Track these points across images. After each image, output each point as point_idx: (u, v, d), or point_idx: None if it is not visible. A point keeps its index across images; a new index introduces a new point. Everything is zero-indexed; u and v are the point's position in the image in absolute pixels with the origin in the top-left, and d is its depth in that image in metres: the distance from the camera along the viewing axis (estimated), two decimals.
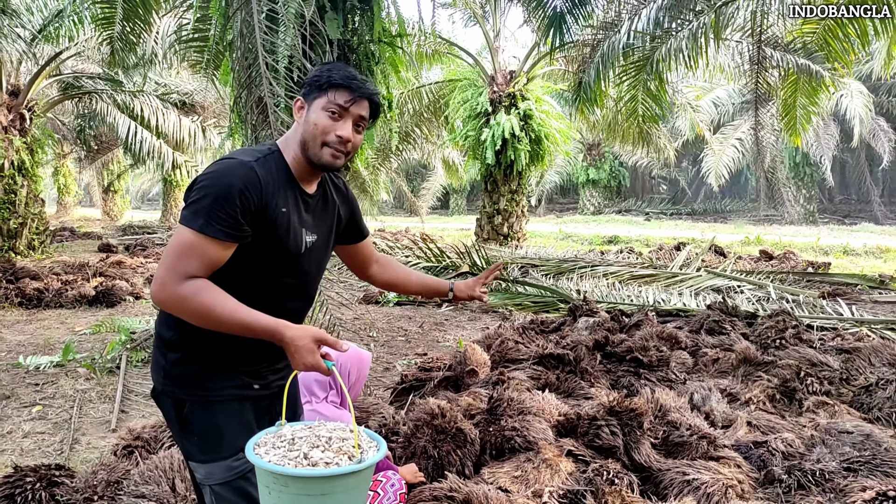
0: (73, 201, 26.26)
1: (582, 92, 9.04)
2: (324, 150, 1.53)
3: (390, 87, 6.01)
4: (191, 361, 1.54)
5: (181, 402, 1.54)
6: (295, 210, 1.56)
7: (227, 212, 1.41)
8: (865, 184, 26.58)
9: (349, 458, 1.31)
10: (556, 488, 2.46)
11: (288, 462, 1.29)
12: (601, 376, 3.98)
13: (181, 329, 1.53)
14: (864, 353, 4.13)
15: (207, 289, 1.41)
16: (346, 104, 1.52)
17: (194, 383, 1.53)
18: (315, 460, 1.30)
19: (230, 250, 1.46)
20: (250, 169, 1.47)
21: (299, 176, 1.59)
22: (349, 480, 1.28)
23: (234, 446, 1.51)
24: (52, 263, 9.23)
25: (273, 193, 1.50)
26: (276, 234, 1.51)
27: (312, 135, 1.52)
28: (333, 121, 1.52)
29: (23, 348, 5.26)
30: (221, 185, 1.42)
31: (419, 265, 8.92)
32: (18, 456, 3.18)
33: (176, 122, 15.17)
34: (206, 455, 1.52)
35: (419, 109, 14.62)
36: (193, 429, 1.53)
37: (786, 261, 10.61)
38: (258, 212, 1.46)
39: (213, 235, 1.41)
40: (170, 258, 1.41)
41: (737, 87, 19.94)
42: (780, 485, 2.64)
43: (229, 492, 1.52)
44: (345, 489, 1.28)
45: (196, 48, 7.04)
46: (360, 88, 1.53)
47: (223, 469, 1.51)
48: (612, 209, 30.73)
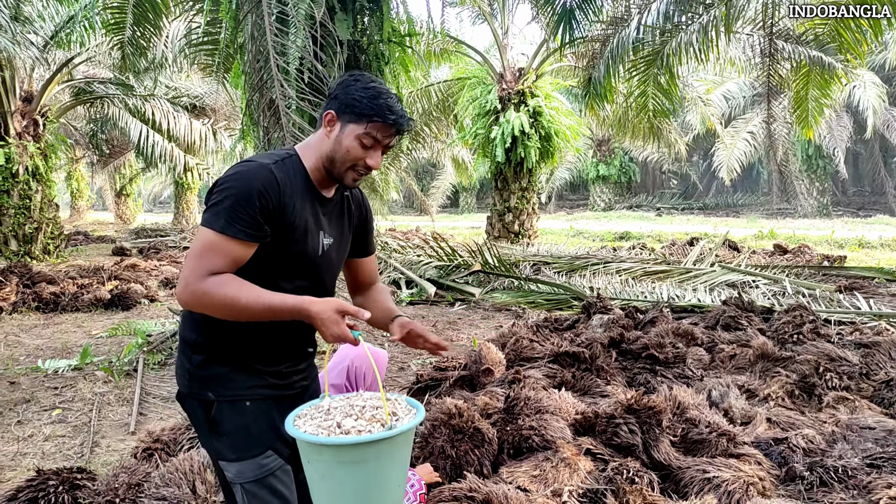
0: (86, 205, 26.53)
1: (591, 88, 9.01)
2: (348, 174, 1.57)
3: (400, 85, 6.02)
4: (216, 363, 1.56)
5: (209, 404, 1.56)
6: (312, 213, 1.58)
7: (248, 212, 1.44)
8: (880, 175, 26.27)
9: (381, 426, 1.33)
10: (576, 487, 2.45)
11: (322, 431, 1.33)
12: (617, 374, 3.96)
13: (205, 331, 1.55)
14: (884, 348, 4.08)
15: (231, 280, 1.44)
16: (384, 140, 1.55)
17: (220, 384, 1.55)
18: (347, 428, 1.33)
19: (251, 250, 1.49)
20: (269, 171, 1.49)
21: (317, 181, 1.60)
22: (382, 447, 1.30)
23: (263, 444, 1.54)
24: (68, 267, 9.32)
25: (291, 196, 1.52)
26: (294, 235, 1.53)
27: (342, 159, 1.55)
28: (365, 149, 1.54)
29: (41, 352, 5.31)
30: (241, 187, 1.45)
31: (431, 264, 8.92)
32: (40, 459, 3.22)
33: (187, 125, 15.27)
34: (236, 454, 1.54)
35: (428, 108, 14.62)
36: (222, 429, 1.55)
37: (800, 255, 10.51)
38: (276, 213, 1.49)
39: (233, 235, 1.44)
40: (192, 259, 1.44)
41: (748, 79, 19.80)
42: (802, 482, 2.61)
43: (261, 489, 1.54)
44: (377, 456, 1.31)
45: (206, 51, 7.08)
46: (399, 126, 1.55)
47: (254, 467, 1.53)
48: (622, 205, 30.57)
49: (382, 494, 1.35)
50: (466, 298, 7.62)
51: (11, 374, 4.65)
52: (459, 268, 8.61)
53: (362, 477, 1.32)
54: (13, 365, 4.88)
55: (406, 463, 1.41)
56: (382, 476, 1.33)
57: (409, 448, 1.43)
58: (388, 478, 1.35)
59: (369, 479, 1.32)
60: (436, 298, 7.60)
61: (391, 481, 1.36)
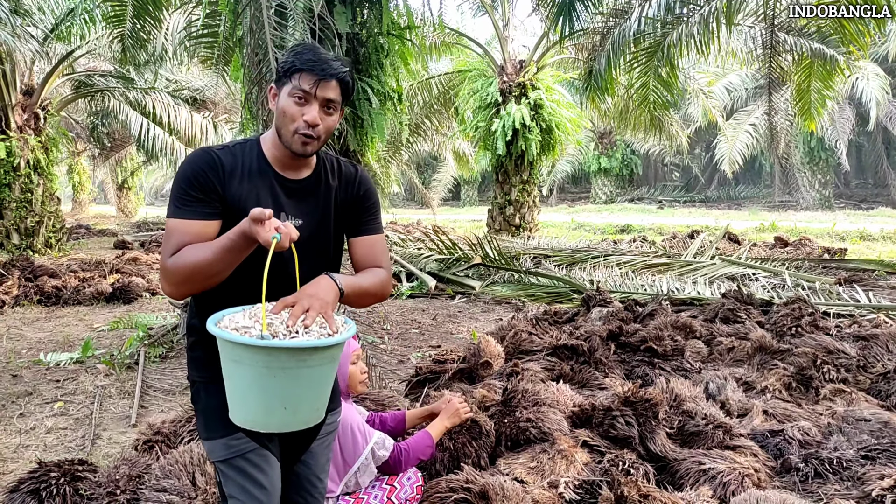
0: (87, 199, 26.55)
1: (592, 80, 8.98)
2: (294, 138, 1.53)
3: (400, 79, 6.01)
4: (201, 345, 1.62)
5: (193, 384, 1.65)
6: (270, 195, 1.58)
7: (190, 193, 1.49)
8: (882, 167, 26.21)
9: (268, 337, 1.31)
10: (572, 479, 2.47)
11: (227, 325, 1.38)
12: (615, 366, 3.97)
13: (197, 315, 1.63)
14: (882, 340, 4.09)
15: (186, 250, 1.47)
16: (311, 88, 1.50)
17: (203, 365, 1.62)
18: (238, 327, 1.37)
19: (210, 229, 1.51)
20: (209, 153, 1.54)
21: (278, 161, 1.60)
22: (256, 355, 1.29)
23: (232, 426, 1.55)
24: (69, 261, 9.34)
25: (239, 178, 1.54)
26: (243, 217, 1.47)
27: (283, 122, 1.54)
28: (300, 106, 1.52)
29: (43, 345, 5.34)
30: (182, 171, 1.52)
31: (431, 257, 8.94)
32: (42, 451, 3.24)
33: (187, 118, 15.25)
34: (207, 433, 1.61)
35: (429, 101, 14.60)
36: (199, 408, 1.64)
37: (801, 247, 10.51)
38: (219, 193, 1.52)
39: (181, 217, 1.49)
40: (161, 249, 1.54)
41: (749, 71, 19.71)
42: (797, 473, 2.63)
43: (231, 469, 1.60)
44: (252, 363, 1.30)
45: (206, 44, 7.07)
46: (324, 70, 1.51)
47: (222, 447, 1.59)
48: (624, 198, 30.55)
49: (259, 405, 1.35)
50: (467, 291, 7.63)
51: (14, 368, 4.68)
52: (460, 261, 8.63)
53: (239, 377, 1.34)
54: (15, 358, 4.91)
55: (306, 389, 1.36)
56: (260, 386, 1.32)
57: (308, 374, 1.35)
58: (266, 390, 1.32)
59: (245, 381, 1.33)
60: (436, 291, 7.62)
61: (273, 397, 1.33)
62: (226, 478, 1.61)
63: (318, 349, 1.33)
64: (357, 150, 5.61)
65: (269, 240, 1.34)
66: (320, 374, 1.39)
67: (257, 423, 1.40)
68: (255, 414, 1.38)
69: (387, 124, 5.78)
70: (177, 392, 4.16)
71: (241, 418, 1.41)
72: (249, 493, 1.60)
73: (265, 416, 1.38)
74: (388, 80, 5.67)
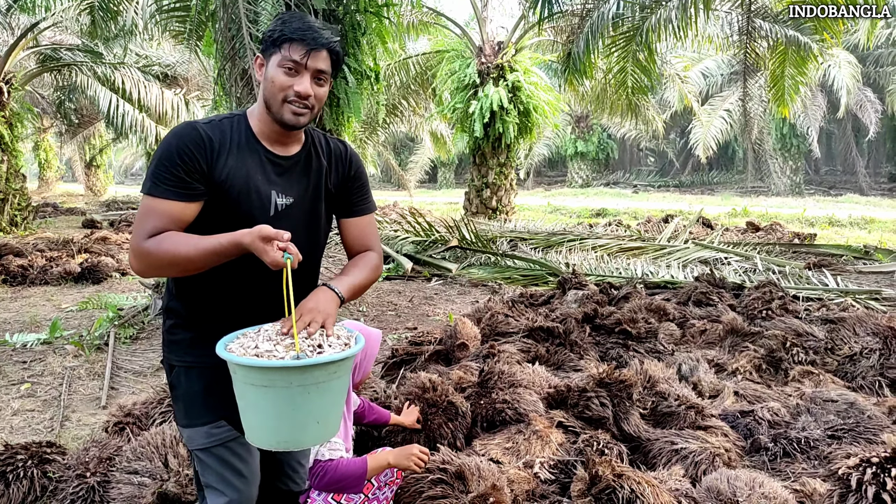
0: (55, 177, 25.83)
1: (571, 63, 8.96)
2: (285, 108, 1.48)
3: (377, 58, 5.92)
4: (183, 328, 1.57)
5: (171, 368, 1.59)
6: (260, 171, 1.52)
7: (172, 171, 1.42)
8: (851, 155, 26.72)
9: (300, 357, 1.31)
10: (547, 459, 2.49)
11: (242, 351, 1.34)
12: (590, 348, 4.01)
13: (178, 297, 1.57)
14: (849, 323, 4.19)
15: (168, 236, 1.41)
16: (302, 59, 1.46)
17: (183, 350, 1.57)
18: (261, 351, 1.33)
19: (188, 209, 1.45)
20: (194, 129, 1.46)
21: (266, 137, 1.54)
22: (291, 375, 1.28)
23: (216, 413, 1.54)
24: (36, 240, 9.10)
25: (226, 154, 1.48)
26: (231, 194, 1.47)
27: (272, 93, 1.48)
28: (290, 77, 1.47)
29: (8, 326, 5.21)
30: (164, 148, 1.44)
31: (408, 239, 8.90)
32: (9, 434, 3.17)
33: (158, 94, 14.88)
34: (187, 420, 1.56)
35: (406, 81, 14.44)
36: (178, 393, 1.59)
37: (772, 232, 10.69)
38: (205, 171, 1.45)
39: (161, 196, 1.42)
40: (135, 226, 1.45)
41: (725, 57, 19.87)
42: (767, 453, 2.69)
43: (210, 458, 1.56)
44: (287, 384, 1.28)
45: (178, 18, 6.88)
46: (315, 40, 1.46)
47: (203, 435, 1.55)
48: (600, 182, 30.74)
49: (294, 424, 1.33)
50: (443, 274, 7.62)
51: None
52: (436, 243, 8.60)
53: (271, 400, 1.30)
54: None
55: (334, 401, 1.36)
56: (294, 405, 1.30)
57: (337, 386, 1.36)
58: (300, 408, 1.31)
59: (279, 404, 1.30)
60: (412, 274, 7.60)
61: (308, 414, 1.33)
62: (204, 466, 1.56)
63: (346, 359, 1.35)
64: (333, 130, 5.53)
65: (278, 260, 1.33)
66: (343, 383, 1.40)
67: (290, 443, 1.37)
68: (290, 433, 1.35)
69: (363, 103, 5.70)
70: (148, 374, 4.09)
71: (274, 441, 1.36)
72: (228, 482, 1.57)
73: (300, 435, 1.36)
74: (365, 58, 5.58)
